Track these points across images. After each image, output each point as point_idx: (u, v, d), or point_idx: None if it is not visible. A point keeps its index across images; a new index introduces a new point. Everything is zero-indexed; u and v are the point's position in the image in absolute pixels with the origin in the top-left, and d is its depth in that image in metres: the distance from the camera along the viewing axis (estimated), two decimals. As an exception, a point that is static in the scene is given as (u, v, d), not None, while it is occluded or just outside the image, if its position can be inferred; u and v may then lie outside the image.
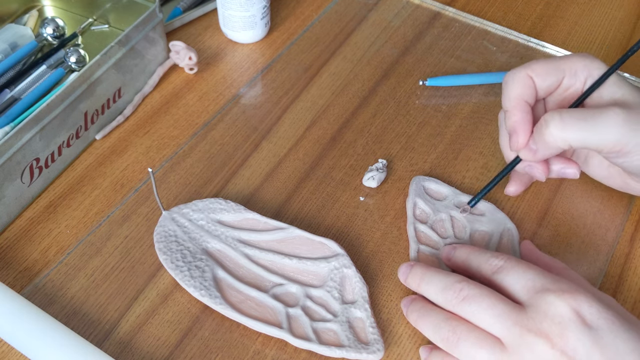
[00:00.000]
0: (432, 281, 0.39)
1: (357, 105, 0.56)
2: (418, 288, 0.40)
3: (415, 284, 0.40)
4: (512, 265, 0.37)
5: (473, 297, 0.36)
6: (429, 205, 0.47)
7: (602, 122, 0.39)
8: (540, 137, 0.41)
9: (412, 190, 0.48)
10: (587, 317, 0.34)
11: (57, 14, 0.62)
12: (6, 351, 0.40)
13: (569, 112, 0.40)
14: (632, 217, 0.48)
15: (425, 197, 0.48)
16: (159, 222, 0.45)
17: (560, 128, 0.40)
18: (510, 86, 0.43)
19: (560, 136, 0.40)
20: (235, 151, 0.52)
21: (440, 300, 0.38)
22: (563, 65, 0.43)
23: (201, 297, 0.41)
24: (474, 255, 0.40)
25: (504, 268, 0.37)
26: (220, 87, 0.57)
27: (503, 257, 0.38)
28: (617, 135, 0.39)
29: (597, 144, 0.40)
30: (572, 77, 0.43)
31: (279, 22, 0.64)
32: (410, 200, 0.48)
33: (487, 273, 0.38)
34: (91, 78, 0.50)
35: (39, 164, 0.48)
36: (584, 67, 0.43)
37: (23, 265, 0.45)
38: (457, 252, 0.42)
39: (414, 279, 0.40)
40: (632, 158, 0.40)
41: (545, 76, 0.43)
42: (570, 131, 0.40)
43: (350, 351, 0.39)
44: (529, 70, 0.43)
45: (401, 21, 0.64)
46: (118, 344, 0.40)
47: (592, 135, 0.40)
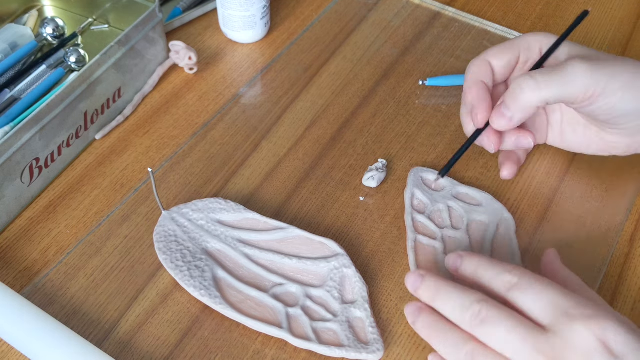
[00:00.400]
0: (448, 298, 0.36)
1: (357, 105, 0.56)
2: (432, 302, 0.37)
3: (429, 298, 0.37)
4: (529, 282, 0.35)
5: (492, 320, 0.34)
6: (426, 196, 0.48)
7: (570, 73, 0.42)
8: (514, 102, 0.43)
9: (410, 181, 0.49)
10: (613, 346, 0.32)
11: (57, 14, 0.62)
12: (6, 351, 0.40)
13: (539, 72, 0.43)
14: (632, 217, 0.48)
15: (423, 187, 0.48)
16: (159, 222, 0.45)
17: (535, 88, 0.42)
18: (468, 71, 0.47)
19: (536, 95, 0.42)
20: (235, 151, 0.52)
21: (457, 319, 0.36)
22: (517, 42, 0.46)
23: (201, 297, 0.41)
24: (484, 268, 0.37)
25: (519, 286, 0.35)
26: (220, 87, 0.57)
27: (517, 273, 0.36)
28: (585, 80, 0.41)
29: (570, 94, 0.42)
30: (526, 51, 0.46)
31: (279, 22, 0.64)
32: (408, 191, 0.48)
33: (500, 290, 0.36)
34: (91, 78, 0.50)
35: (39, 163, 0.48)
36: (536, 41, 0.46)
37: (23, 265, 0.45)
38: (465, 264, 0.38)
39: (428, 292, 0.37)
40: (602, 102, 0.42)
41: (500, 56, 0.46)
42: (544, 89, 0.42)
43: (350, 351, 0.39)
44: (485, 55, 0.46)
45: (401, 21, 0.64)
46: (118, 343, 0.40)
47: (563, 87, 0.42)
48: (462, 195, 0.48)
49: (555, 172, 0.51)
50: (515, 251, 0.45)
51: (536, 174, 0.51)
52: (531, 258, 0.45)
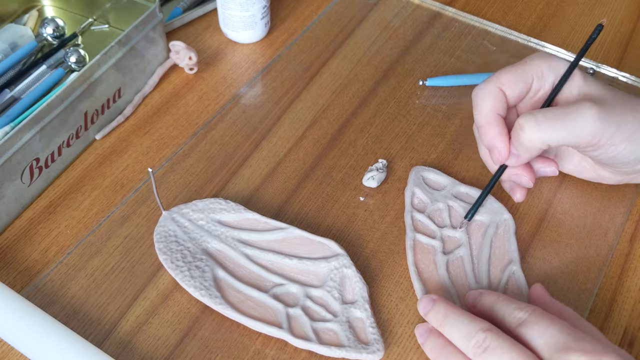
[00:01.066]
0: (455, 325, 0.37)
1: (357, 105, 0.56)
2: (439, 327, 0.38)
3: (437, 323, 0.38)
4: (536, 319, 0.36)
5: (494, 349, 0.35)
6: (427, 195, 0.48)
7: (576, 119, 0.40)
8: (518, 142, 0.42)
9: (411, 179, 0.49)
10: None
11: (57, 14, 0.62)
12: (6, 351, 0.40)
13: (542, 113, 0.41)
14: (632, 217, 0.48)
15: (423, 186, 0.48)
16: (159, 222, 0.45)
17: (536, 130, 0.41)
18: (481, 101, 0.44)
19: (538, 138, 0.41)
20: (235, 151, 0.52)
21: (461, 346, 0.37)
22: (529, 70, 0.44)
23: (201, 297, 0.41)
24: (500, 304, 0.38)
25: (528, 322, 0.36)
26: (220, 87, 0.57)
27: (528, 310, 0.37)
28: (592, 129, 0.40)
29: (574, 140, 0.41)
30: (540, 80, 0.44)
31: (279, 22, 0.64)
32: (408, 190, 0.48)
33: (510, 326, 0.37)
34: (91, 78, 0.50)
35: (39, 164, 0.48)
36: (549, 68, 0.44)
37: (23, 265, 0.45)
38: (484, 299, 0.40)
39: (436, 317, 0.39)
40: (607, 150, 0.41)
41: (514, 85, 0.44)
42: (546, 132, 0.41)
43: (350, 351, 0.39)
44: (497, 82, 0.43)
45: (401, 21, 0.64)
46: (118, 344, 0.40)
47: (568, 133, 0.41)
48: (462, 194, 0.48)
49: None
50: (514, 253, 0.45)
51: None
52: (530, 259, 0.45)
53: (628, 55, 0.61)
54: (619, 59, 0.61)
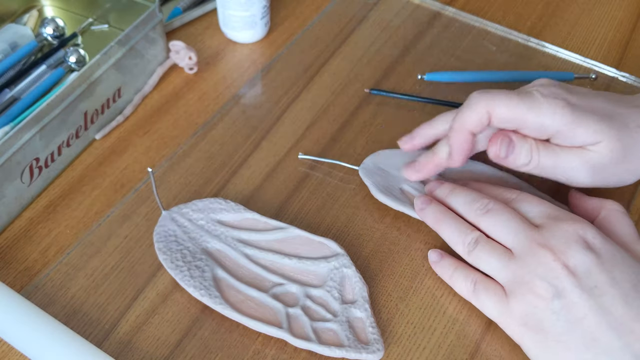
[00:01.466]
0: (461, 195, 0.43)
1: (357, 105, 0.56)
2: (445, 198, 0.44)
3: (444, 194, 0.44)
4: (525, 197, 0.41)
5: (495, 211, 0.40)
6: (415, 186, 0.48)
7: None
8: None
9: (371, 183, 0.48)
10: (591, 242, 0.37)
11: (57, 14, 0.62)
12: (6, 351, 0.40)
13: None
14: (632, 217, 0.48)
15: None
16: (159, 222, 0.45)
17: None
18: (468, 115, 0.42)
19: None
20: (235, 151, 0.52)
21: (465, 210, 0.42)
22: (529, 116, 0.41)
23: (201, 297, 0.41)
24: (488, 189, 0.44)
25: (518, 200, 0.41)
26: (220, 87, 0.57)
27: (516, 192, 0.42)
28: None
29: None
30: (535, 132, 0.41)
31: (279, 22, 0.64)
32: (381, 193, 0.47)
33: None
34: (91, 78, 0.50)
35: (39, 163, 0.48)
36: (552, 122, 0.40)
37: (23, 265, 0.45)
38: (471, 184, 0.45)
39: (444, 191, 0.44)
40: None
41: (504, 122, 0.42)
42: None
43: (350, 351, 0.39)
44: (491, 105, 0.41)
45: (401, 21, 0.64)
46: (118, 343, 0.40)
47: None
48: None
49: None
50: None
51: (536, 175, 0.51)
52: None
53: (628, 55, 0.62)
54: (619, 59, 0.61)
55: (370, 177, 0.48)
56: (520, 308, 0.38)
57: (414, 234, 0.46)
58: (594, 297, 0.36)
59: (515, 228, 0.39)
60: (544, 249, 0.37)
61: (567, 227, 0.38)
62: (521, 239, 0.39)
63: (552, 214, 0.39)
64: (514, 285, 0.38)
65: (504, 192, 0.43)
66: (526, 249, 0.38)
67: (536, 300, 0.37)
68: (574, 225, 0.38)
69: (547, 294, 0.37)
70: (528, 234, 0.39)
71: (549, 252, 0.37)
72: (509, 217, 0.40)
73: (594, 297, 0.36)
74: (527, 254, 0.38)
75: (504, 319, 0.39)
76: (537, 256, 0.37)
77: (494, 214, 0.40)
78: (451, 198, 0.43)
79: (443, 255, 0.43)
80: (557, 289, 0.36)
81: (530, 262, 0.38)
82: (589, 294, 0.36)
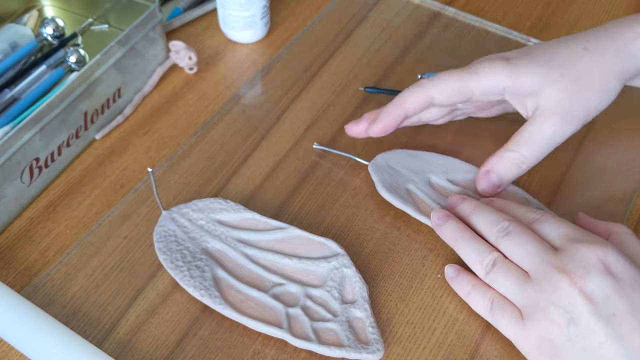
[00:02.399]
0: (482, 214, 0.42)
1: (357, 105, 0.56)
2: (468, 216, 0.43)
3: (467, 212, 0.43)
4: (548, 218, 0.40)
5: (515, 234, 0.39)
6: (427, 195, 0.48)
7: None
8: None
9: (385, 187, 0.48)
10: (612, 267, 0.36)
11: (57, 14, 0.62)
12: (6, 351, 0.40)
13: None
14: (632, 217, 0.48)
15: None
16: (159, 222, 0.45)
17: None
18: (409, 97, 0.47)
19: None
20: (235, 151, 0.52)
21: (487, 231, 0.41)
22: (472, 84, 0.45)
23: (201, 297, 0.41)
24: (511, 207, 0.43)
25: (540, 220, 0.40)
26: (220, 87, 0.57)
27: (539, 212, 0.41)
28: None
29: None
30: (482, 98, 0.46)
31: (279, 22, 0.64)
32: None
33: (524, 224, 0.41)
34: (91, 78, 0.50)
35: (39, 163, 0.48)
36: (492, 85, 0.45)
37: (23, 265, 0.45)
38: (495, 203, 0.44)
39: (467, 207, 0.43)
40: None
41: (449, 99, 0.46)
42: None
43: (350, 351, 0.39)
44: (433, 90, 0.46)
45: (401, 21, 0.64)
46: (118, 343, 0.40)
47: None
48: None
49: (555, 172, 0.51)
50: None
51: (536, 174, 0.51)
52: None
53: (628, 55, 0.61)
54: (619, 59, 0.61)
55: (378, 174, 0.48)
56: (535, 332, 0.37)
57: (414, 234, 0.46)
58: (612, 325, 0.34)
59: (533, 251, 0.38)
60: (560, 274, 0.36)
61: (586, 250, 0.37)
62: (538, 263, 0.38)
63: (571, 236, 0.38)
64: (530, 310, 0.37)
65: (527, 212, 0.42)
66: (542, 273, 0.37)
67: (551, 326, 0.36)
68: (593, 248, 0.37)
69: (562, 321, 0.36)
70: (545, 257, 0.37)
71: (566, 277, 0.36)
72: (528, 240, 0.39)
73: (611, 325, 0.34)
74: (544, 278, 0.37)
75: (519, 340, 0.38)
76: (553, 281, 0.36)
77: (513, 237, 0.39)
78: (474, 217, 0.42)
79: (460, 271, 0.42)
80: (572, 316, 0.35)
81: (546, 287, 0.37)
82: (606, 322, 0.35)
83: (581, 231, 0.39)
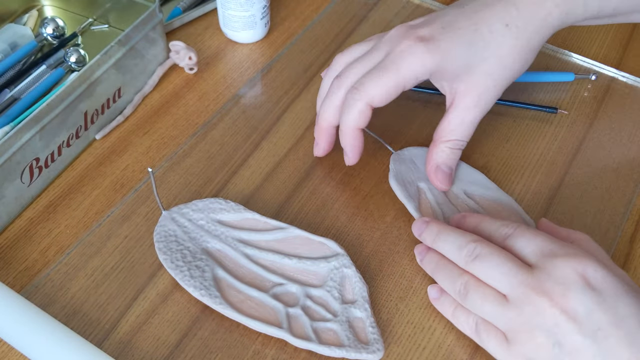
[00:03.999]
0: (447, 239, 0.40)
1: (357, 105, 0.56)
2: (433, 244, 0.42)
3: (431, 240, 0.42)
4: (522, 232, 0.39)
5: (484, 256, 0.38)
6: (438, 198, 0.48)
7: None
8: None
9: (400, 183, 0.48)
10: (592, 280, 0.35)
11: (57, 14, 0.62)
12: (6, 351, 0.40)
13: None
14: (632, 217, 0.48)
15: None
16: (159, 222, 0.45)
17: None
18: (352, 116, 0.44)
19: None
20: (235, 151, 0.52)
21: (454, 257, 0.40)
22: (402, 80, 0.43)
23: (201, 297, 0.41)
24: (485, 223, 0.41)
25: (514, 235, 0.39)
26: (220, 87, 0.57)
27: (513, 226, 0.39)
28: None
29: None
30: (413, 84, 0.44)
31: (279, 22, 0.64)
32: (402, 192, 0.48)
33: (497, 240, 0.40)
34: (91, 78, 0.50)
35: (39, 163, 0.48)
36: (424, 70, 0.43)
37: (23, 265, 0.45)
38: (468, 221, 0.43)
39: (430, 235, 0.42)
40: None
41: (385, 99, 0.44)
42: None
43: (350, 351, 0.39)
44: (367, 99, 0.44)
45: (401, 21, 0.64)
46: (118, 344, 0.40)
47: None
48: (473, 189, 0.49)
49: (556, 172, 0.51)
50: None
51: (536, 175, 0.51)
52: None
53: (628, 55, 0.61)
54: (619, 59, 0.61)
55: (397, 164, 0.49)
56: (522, 355, 0.36)
57: (414, 234, 0.46)
58: (598, 341, 0.34)
59: (507, 273, 0.37)
60: (539, 295, 0.35)
61: (563, 266, 0.36)
62: (514, 285, 0.36)
63: (546, 250, 0.37)
64: (514, 333, 0.36)
65: (500, 227, 0.40)
66: (521, 296, 0.36)
67: (537, 349, 0.35)
68: (570, 262, 0.36)
69: (548, 343, 0.35)
70: (521, 278, 0.36)
71: (546, 298, 0.35)
72: (499, 262, 0.37)
73: (597, 341, 0.34)
74: (523, 301, 0.36)
75: None
76: (533, 304, 0.35)
77: (482, 260, 0.38)
78: (439, 243, 0.41)
79: (442, 292, 0.41)
80: (557, 337, 0.35)
81: (527, 310, 0.36)
82: (592, 339, 0.34)
83: (555, 243, 0.37)
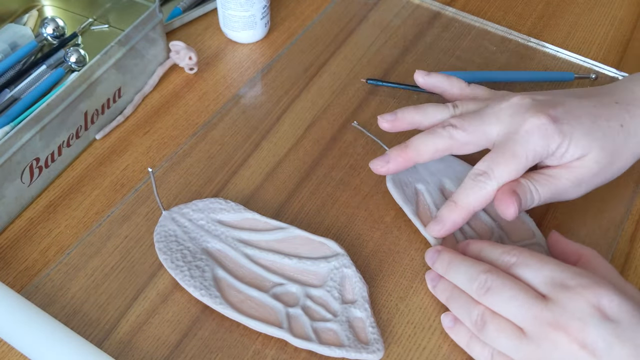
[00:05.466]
0: (459, 270, 0.40)
1: (357, 105, 0.56)
2: (445, 274, 0.41)
3: (443, 270, 0.41)
4: (526, 260, 0.38)
5: (496, 289, 0.37)
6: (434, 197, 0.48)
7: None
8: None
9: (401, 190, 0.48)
10: (607, 310, 0.34)
11: (57, 14, 0.62)
12: (6, 351, 0.40)
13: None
14: (632, 217, 0.48)
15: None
16: (159, 222, 0.45)
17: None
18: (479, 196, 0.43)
19: None
20: (235, 151, 0.52)
21: (466, 289, 0.39)
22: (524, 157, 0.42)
23: (201, 297, 0.41)
24: (487, 251, 0.41)
25: (518, 264, 0.38)
26: (220, 87, 0.57)
27: (515, 253, 0.39)
28: None
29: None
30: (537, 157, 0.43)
31: (279, 22, 0.64)
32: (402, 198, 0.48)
33: (502, 270, 0.39)
34: (91, 78, 0.50)
35: (39, 164, 0.48)
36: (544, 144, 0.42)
37: (23, 265, 0.45)
38: (471, 248, 0.42)
39: (442, 265, 0.41)
40: None
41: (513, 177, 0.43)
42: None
43: (350, 351, 0.39)
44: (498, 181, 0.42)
45: (401, 21, 0.64)
46: (118, 344, 0.40)
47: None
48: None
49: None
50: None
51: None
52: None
53: (628, 55, 0.62)
54: (619, 59, 0.61)
55: None
56: None
57: (414, 234, 0.46)
58: None
59: (521, 306, 0.36)
60: (556, 330, 0.35)
61: (577, 298, 0.35)
62: (529, 319, 0.36)
63: (557, 280, 0.36)
64: None
65: (502, 254, 0.39)
66: (537, 331, 0.35)
67: None
68: (584, 294, 0.35)
69: None
70: (536, 312, 0.35)
71: (563, 333, 0.34)
72: (512, 295, 0.36)
73: None
74: (540, 337, 0.35)
75: None
76: (550, 339, 0.35)
77: (494, 293, 0.37)
78: (451, 274, 0.41)
79: (457, 320, 0.40)
80: None
81: (545, 346, 0.35)
82: None
83: (565, 272, 0.36)
